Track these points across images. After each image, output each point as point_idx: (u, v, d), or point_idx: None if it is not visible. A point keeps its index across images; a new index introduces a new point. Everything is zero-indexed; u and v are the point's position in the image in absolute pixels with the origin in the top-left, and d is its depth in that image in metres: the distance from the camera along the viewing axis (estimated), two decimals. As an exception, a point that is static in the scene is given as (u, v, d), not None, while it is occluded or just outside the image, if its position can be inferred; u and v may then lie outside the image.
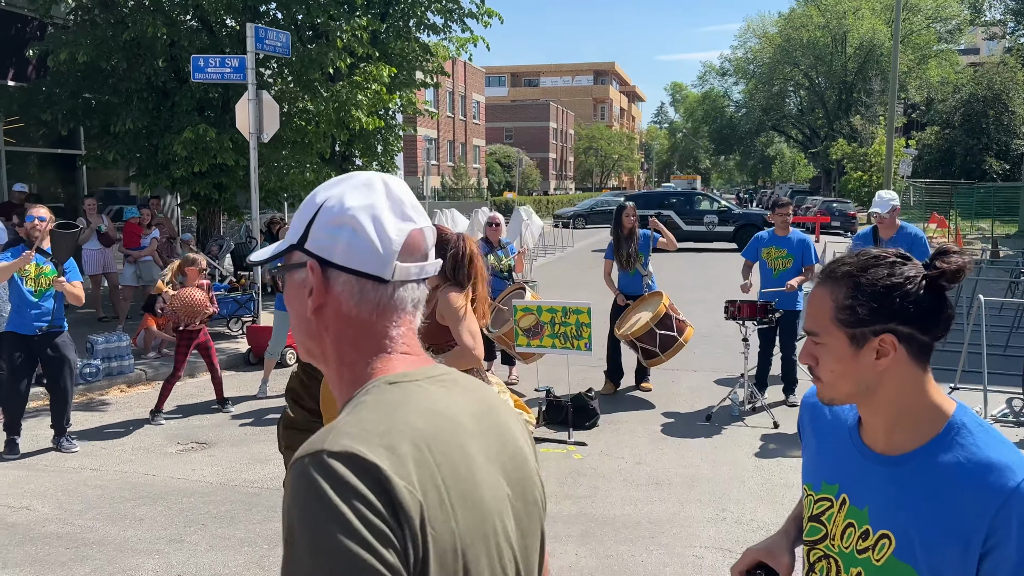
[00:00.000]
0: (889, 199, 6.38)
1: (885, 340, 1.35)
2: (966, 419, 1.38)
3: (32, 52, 10.47)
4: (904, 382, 1.38)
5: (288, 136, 11.05)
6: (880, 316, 1.35)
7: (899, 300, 1.34)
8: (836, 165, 48.03)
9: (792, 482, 5.25)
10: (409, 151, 39.36)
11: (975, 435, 1.34)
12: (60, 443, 5.97)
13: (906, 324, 1.35)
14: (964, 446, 1.33)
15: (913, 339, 1.36)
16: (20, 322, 5.77)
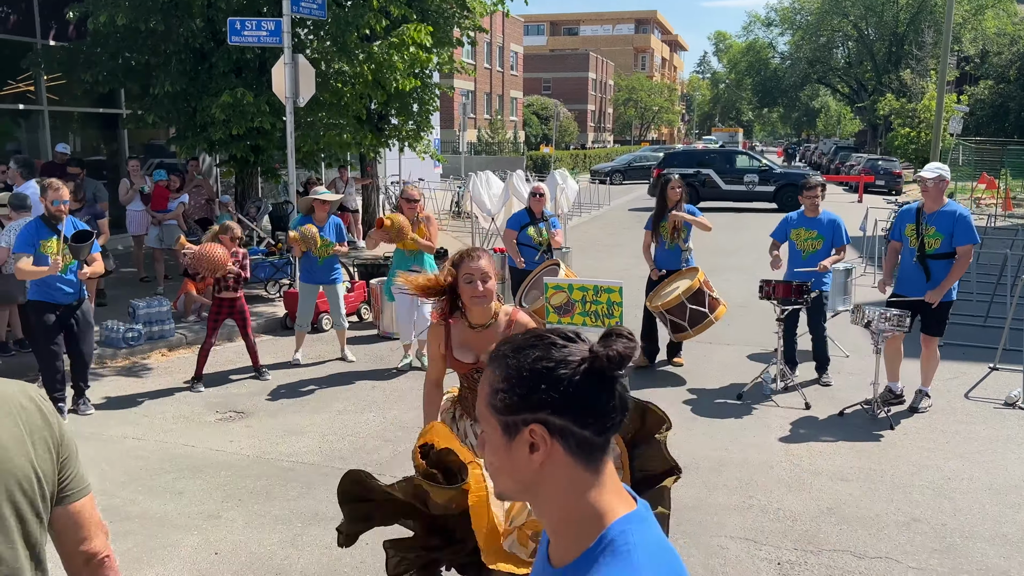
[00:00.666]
0: (936, 167, 6.22)
1: (535, 431, 1.20)
2: (618, 536, 1.19)
3: (72, 14, 10.54)
4: (561, 481, 1.22)
5: (324, 98, 11.02)
6: (529, 404, 1.20)
7: (549, 387, 1.19)
8: (883, 121, 46.63)
9: (821, 469, 5.25)
10: (445, 105, 39.07)
11: (612, 558, 1.17)
12: (79, 404, 6.28)
13: (558, 415, 1.20)
14: (599, 567, 1.17)
15: (569, 432, 1.20)
16: (47, 292, 5.96)
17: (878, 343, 6.14)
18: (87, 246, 5.96)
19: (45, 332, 6.03)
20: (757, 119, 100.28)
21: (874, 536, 4.36)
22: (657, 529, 1.26)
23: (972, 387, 6.94)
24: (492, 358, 1.28)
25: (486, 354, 3.16)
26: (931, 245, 6.17)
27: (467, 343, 3.37)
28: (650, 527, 1.24)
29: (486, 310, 3.33)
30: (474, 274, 3.22)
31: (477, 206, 12.88)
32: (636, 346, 1.25)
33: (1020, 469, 5.25)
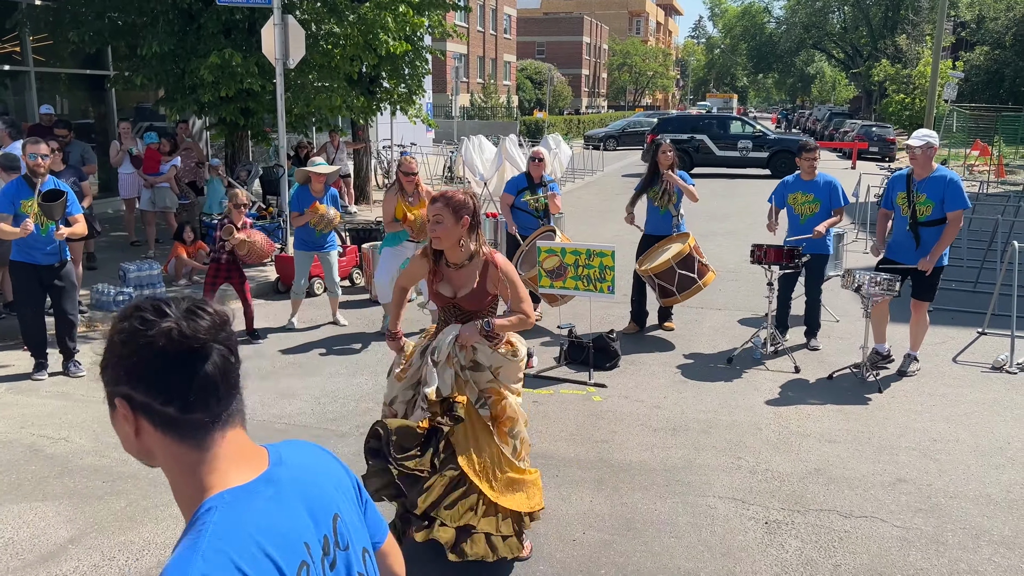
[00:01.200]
0: (925, 135, 6.20)
1: (120, 405, 1.19)
2: (202, 516, 1.15)
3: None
4: (165, 457, 1.20)
5: (314, 60, 10.88)
6: (114, 377, 1.19)
7: (126, 361, 1.16)
8: (878, 87, 46.40)
9: (809, 431, 5.30)
10: (437, 68, 38.65)
11: (186, 539, 1.14)
12: (68, 367, 6.26)
13: (138, 390, 1.17)
14: (176, 548, 1.15)
15: (151, 409, 1.18)
16: (28, 253, 5.93)
17: (868, 307, 6.17)
18: (59, 205, 5.86)
19: (25, 293, 6.03)
20: (752, 85, 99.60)
21: (860, 496, 4.42)
22: (266, 502, 1.20)
23: (960, 351, 7.00)
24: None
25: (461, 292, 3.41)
26: (922, 212, 6.17)
27: (448, 280, 3.64)
28: (251, 502, 1.19)
29: (457, 250, 3.55)
30: (429, 213, 3.54)
31: (470, 170, 12.81)
32: (218, 323, 1.20)
33: (1005, 431, 5.32)
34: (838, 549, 3.88)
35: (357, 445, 5.00)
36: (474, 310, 3.62)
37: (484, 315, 3.64)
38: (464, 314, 3.64)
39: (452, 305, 3.65)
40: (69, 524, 4.03)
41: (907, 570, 3.70)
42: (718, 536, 4.00)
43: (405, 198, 7.22)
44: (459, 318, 3.66)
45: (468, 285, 3.59)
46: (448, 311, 3.69)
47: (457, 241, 3.52)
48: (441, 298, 3.66)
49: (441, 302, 3.68)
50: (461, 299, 3.61)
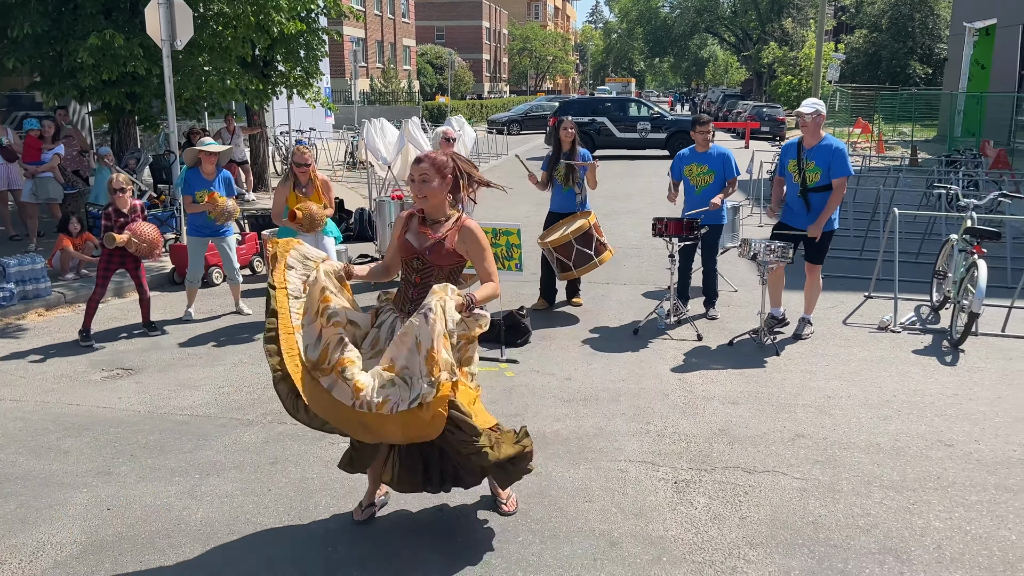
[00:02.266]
0: (814, 103, 6.48)
1: None
2: None
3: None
4: None
5: (204, 41, 10.46)
6: None
7: None
8: (767, 69, 48.17)
9: (713, 394, 5.49)
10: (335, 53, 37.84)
11: None
12: None
13: None
14: None
15: None
16: None
17: (764, 274, 6.42)
18: None
19: None
20: (649, 69, 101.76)
21: (762, 452, 4.61)
22: None
23: (849, 314, 7.38)
24: None
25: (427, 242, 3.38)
26: (811, 179, 6.45)
27: (418, 233, 3.63)
28: None
29: (434, 208, 3.59)
30: (415, 176, 3.53)
31: (372, 155, 12.59)
32: None
33: (892, 385, 5.64)
34: (743, 503, 4.04)
35: (264, 433, 4.88)
36: (438, 265, 3.56)
37: (446, 274, 3.58)
38: (426, 268, 3.56)
39: (416, 257, 3.58)
40: (-48, 530, 3.77)
41: (807, 518, 3.89)
42: (630, 498, 4.10)
43: (298, 189, 7.07)
44: (420, 274, 3.57)
45: (434, 239, 3.57)
46: (410, 265, 3.61)
47: (443, 199, 3.58)
48: (407, 248, 3.61)
49: (406, 253, 3.62)
50: (425, 249, 3.56)
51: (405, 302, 3.62)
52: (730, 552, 3.61)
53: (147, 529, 3.79)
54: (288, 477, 4.32)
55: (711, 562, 3.53)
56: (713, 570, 3.47)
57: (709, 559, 3.56)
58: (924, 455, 4.55)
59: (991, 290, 7.62)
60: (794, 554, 3.58)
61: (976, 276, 6.28)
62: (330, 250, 7.43)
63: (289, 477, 4.32)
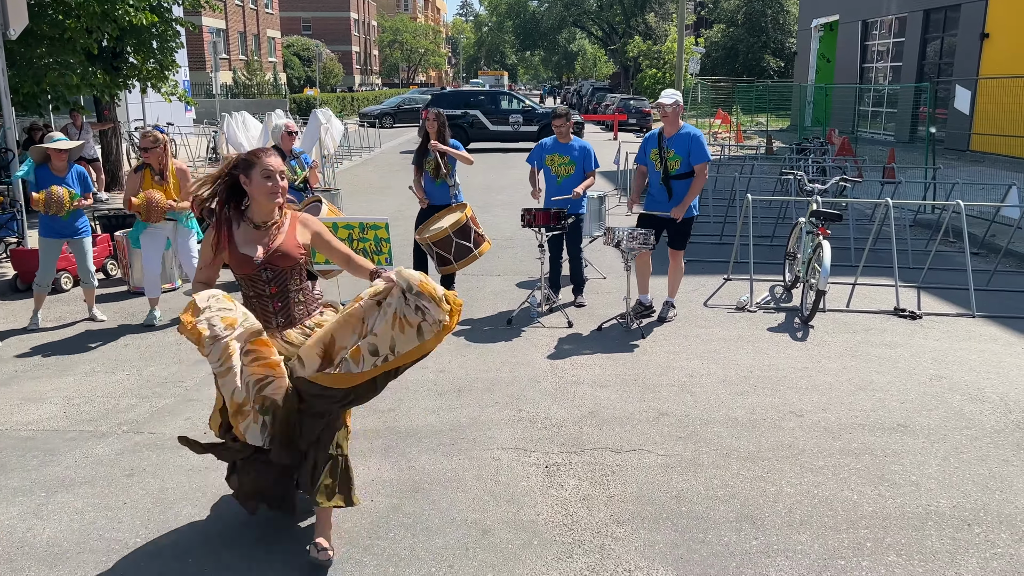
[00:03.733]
0: (672, 94, 6.72)
1: None
2: None
3: None
4: None
5: (43, 31, 9.75)
6: None
7: None
8: (633, 62, 49.69)
9: (582, 379, 5.62)
10: (194, 44, 36.20)
11: None
12: None
13: None
14: None
15: None
16: None
17: (628, 261, 6.62)
18: None
19: None
20: (521, 62, 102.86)
21: (629, 432, 4.76)
22: None
23: (710, 296, 7.73)
24: None
25: (270, 248, 3.23)
26: (672, 167, 6.70)
27: (251, 241, 3.37)
28: None
29: (272, 208, 3.38)
30: (272, 169, 3.32)
31: (234, 149, 12.12)
32: None
33: (748, 362, 5.96)
34: (611, 482, 4.16)
35: (119, 444, 4.63)
36: (288, 267, 3.39)
37: (301, 271, 3.43)
38: (279, 275, 3.38)
39: (264, 268, 3.35)
40: None
41: (670, 492, 4.05)
42: (502, 485, 4.14)
43: (152, 176, 6.73)
44: (275, 283, 3.39)
45: (276, 241, 3.38)
46: (258, 278, 3.37)
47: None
48: (247, 264, 3.34)
49: (249, 268, 3.34)
50: (272, 257, 3.34)
51: (269, 316, 3.42)
52: (598, 531, 3.71)
53: (-15, 556, 3.51)
54: (145, 489, 4.10)
55: (580, 542, 3.62)
56: (582, 549, 3.56)
57: (579, 539, 3.64)
58: (777, 426, 4.83)
59: (836, 268, 8.19)
60: (659, 528, 3.72)
61: (822, 256, 6.71)
62: (192, 246, 7.11)
63: (147, 489, 4.10)
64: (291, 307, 3.46)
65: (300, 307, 3.48)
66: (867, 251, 7.81)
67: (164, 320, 7.11)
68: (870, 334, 6.62)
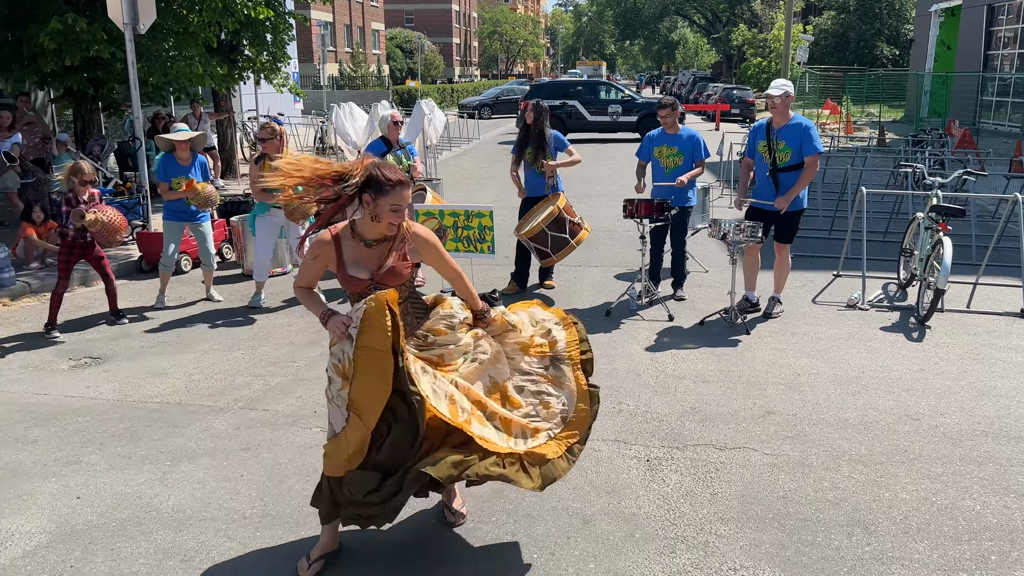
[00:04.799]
0: (783, 84, 6.51)
1: None
2: None
3: None
4: None
5: (169, 26, 10.27)
6: None
7: None
8: (737, 51, 48.38)
9: (684, 374, 5.53)
10: (303, 38, 37.36)
11: None
12: None
13: None
14: None
15: None
16: None
17: (734, 254, 6.47)
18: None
19: None
20: (619, 52, 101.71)
21: (733, 430, 4.66)
22: None
23: (818, 293, 7.46)
24: None
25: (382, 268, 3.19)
26: (781, 159, 6.50)
27: (361, 260, 3.26)
28: None
29: (379, 226, 3.23)
30: (402, 205, 3.18)
31: (342, 139, 12.49)
32: None
33: (860, 362, 5.73)
34: (715, 479, 4.09)
35: (235, 419, 4.85)
36: (397, 285, 3.29)
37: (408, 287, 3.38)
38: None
39: (374, 286, 3.25)
40: (-83, 523, 3.71)
41: (777, 492, 3.95)
42: (603, 476, 4.13)
43: (270, 166, 7.00)
44: None
45: (388, 261, 3.26)
46: (367, 295, 3.22)
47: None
48: (357, 283, 3.26)
49: (358, 287, 3.26)
50: (383, 276, 3.25)
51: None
52: (702, 528, 3.66)
53: (118, 517, 3.75)
54: (260, 463, 4.30)
55: (683, 538, 3.58)
56: (685, 545, 3.52)
57: (681, 535, 3.60)
58: (891, 429, 4.63)
59: (956, 267, 7.76)
60: (765, 528, 3.64)
61: (942, 253, 6.38)
62: (302, 231, 7.36)
63: (261, 463, 4.30)
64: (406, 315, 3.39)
65: (409, 316, 3.39)
66: (991, 249, 7.37)
67: (269, 303, 7.40)
68: (993, 336, 6.26)
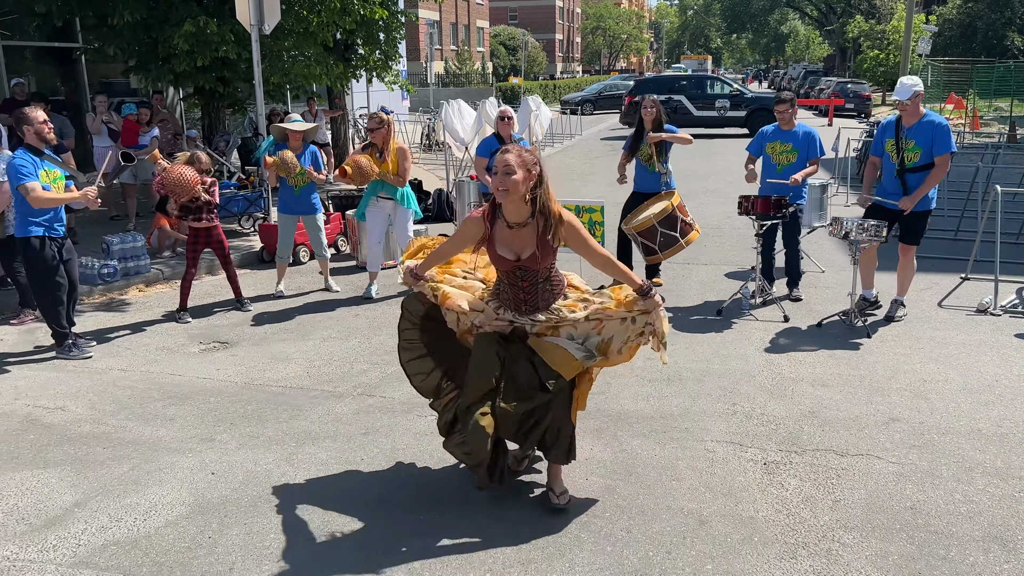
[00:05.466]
0: (911, 85, 6.21)
1: None
2: None
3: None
4: None
5: (290, 26, 10.69)
6: None
7: None
8: (852, 43, 46.41)
9: (801, 376, 5.38)
10: (411, 36, 38.14)
11: None
12: (76, 343, 6.08)
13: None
14: None
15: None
16: (50, 227, 5.84)
17: (855, 254, 6.23)
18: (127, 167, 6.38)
19: (51, 267, 5.84)
20: (726, 46, 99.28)
21: (855, 436, 4.50)
22: None
23: (945, 296, 7.10)
24: None
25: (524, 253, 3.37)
26: (910, 159, 6.21)
27: (506, 241, 3.48)
28: None
29: (519, 208, 3.42)
30: (498, 166, 3.38)
31: (450, 135, 12.70)
32: None
33: (993, 370, 5.43)
34: (836, 485, 3.96)
35: (355, 405, 5.03)
36: (538, 269, 3.50)
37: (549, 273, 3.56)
38: (530, 273, 3.51)
39: (517, 268, 3.50)
40: (73, 489, 4.02)
41: (904, 503, 3.79)
42: (718, 478, 4.07)
43: (374, 154, 7.21)
44: (527, 279, 3.52)
45: (530, 245, 3.44)
46: (512, 275, 3.54)
47: (523, 196, 3.39)
48: (503, 262, 3.50)
49: (504, 266, 3.52)
50: (526, 260, 3.47)
51: (519, 303, 3.60)
52: (824, 534, 3.55)
53: (249, 493, 3.96)
54: (379, 447, 4.44)
55: (804, 543, 3.49)
56: (807, 552, 3.43)
57: (802, 540, 3.51)
58: (1029, 442, 4.37)
59: (1101, 272, 7.24)
60: (892, 539, 3.50)
61: (1086, 257, 5.96)
62: (408, 224, 7.54)
63: (380, 447, 4.44)
64: (538, 296, 3.61)
65: (547, 294, 3.61)
66: None
67: (383, 294, 7.61)
68: None
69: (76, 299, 6.23)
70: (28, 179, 5.60)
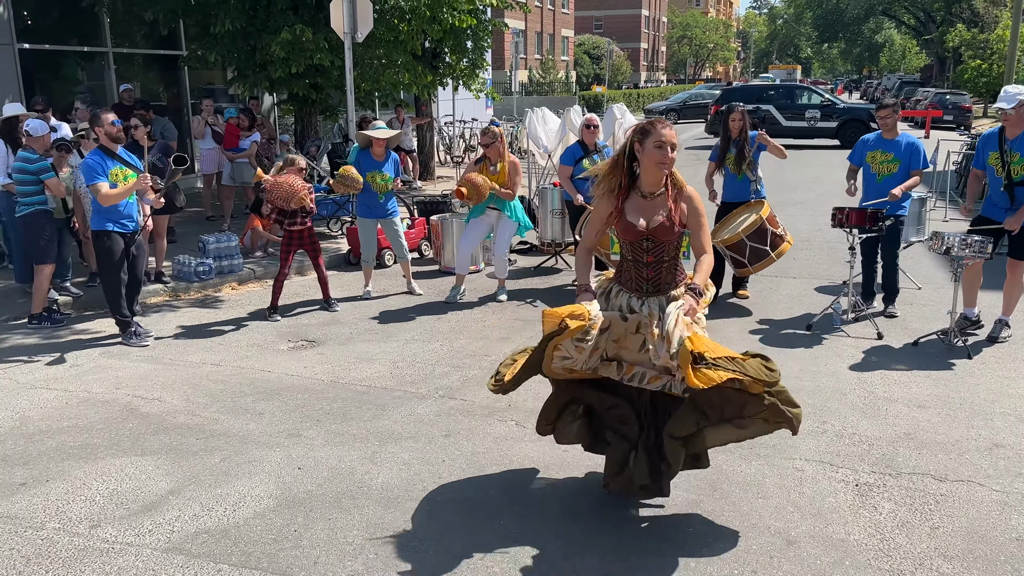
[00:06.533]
0: (1016, 93, 5.91)
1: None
2: None
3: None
4: None
5: (381, 35, 10.94)
6: None
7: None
8: (952, 53, 44.53)
9: (896, 396, 5.16)
10: (496, 44, 38.53)
11: None
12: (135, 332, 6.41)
13: None
14: None
15: None
16: (120, 223, 6.23)
17: (957, 270, 5.95)
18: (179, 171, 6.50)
19: (117, 261, 6.24)
20: (816, 56, 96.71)
21: (955, 460, 4.28)
22: None
23: (1054, 318, 6.71)
24: None
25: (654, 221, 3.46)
26: (1017, 172, 5.91)
27: (638, 209, 3.57)
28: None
29: (660, 179, 3.54)
30: (665, 141, 3.45)
31: (534, 143, 12.72)
32: None
33: (1107, 398, 5.09)
34: (935, 512, 3.78)
35: (436, 407, 5.07)
36: (666, 241, 3.53)
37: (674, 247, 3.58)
38: (657, 246, 3.53)
39: (645, 238, 3.54)
40: (168, 477, 4.18)
41: (1010, 533, 3.58)
42: (807, 497, 3.93)
43: (487, 167, 7.34)
44: (652, 253, 3.55)
45: (660, 215, 3.53)
46: (638, 248, 3.57)
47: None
48: (631, 231, 3.55)
49: (632, 236, 3.56)
50: (654, 230, 3.52)
51: (641, 282, 3.60)
52: (921, 562, 3.39)
53: (333, 489, 4.04)
54: (460, 449, 4.47)
55: (899, 571, 3.33)
56: (902, 579, 3.28)
57: (897, 567, 3.35)
58: None
59: None
60: (996, 571, 3.31)
61: None
62: (509, 235, 7.60)
63: (461, 450, 4.47)
64: (661, 276, 3.60)
65: (668, 276, 3.62)
66: None
67: (467, 298, 7.68)
68: None
69: (139, 293, 6.70)
70: (97, 179, 6.04)
